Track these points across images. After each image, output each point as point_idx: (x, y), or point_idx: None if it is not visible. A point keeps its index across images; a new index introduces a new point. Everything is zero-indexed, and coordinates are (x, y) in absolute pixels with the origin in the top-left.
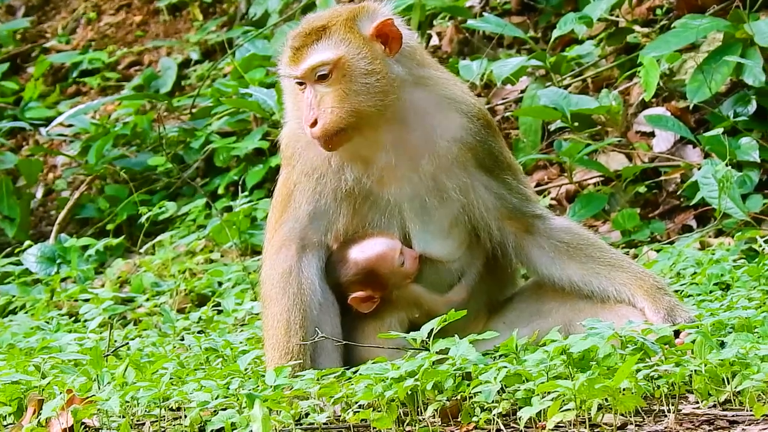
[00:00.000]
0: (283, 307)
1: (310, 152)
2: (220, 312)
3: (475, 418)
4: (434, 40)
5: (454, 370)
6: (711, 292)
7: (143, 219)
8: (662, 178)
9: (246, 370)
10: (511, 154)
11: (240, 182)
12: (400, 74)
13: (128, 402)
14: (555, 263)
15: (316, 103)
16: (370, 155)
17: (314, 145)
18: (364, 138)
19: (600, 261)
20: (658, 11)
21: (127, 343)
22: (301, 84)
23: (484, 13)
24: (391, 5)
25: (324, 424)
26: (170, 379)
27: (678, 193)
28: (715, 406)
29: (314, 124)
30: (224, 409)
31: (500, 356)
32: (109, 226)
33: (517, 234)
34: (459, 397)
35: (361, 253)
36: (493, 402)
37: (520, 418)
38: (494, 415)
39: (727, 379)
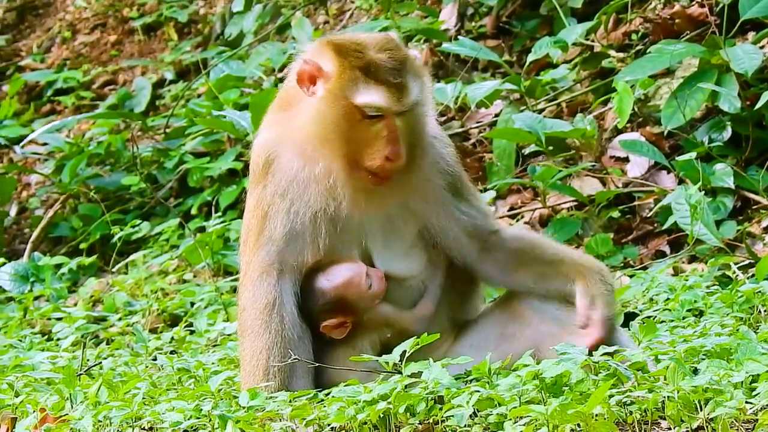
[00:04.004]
0: (265, 344)
1: (287, 165)
2: (192, 332)
3: None
4: None
5: (427, 393)
6: (684, 318)
7: (116, 238)
8: (636, 203)
9: (218, 390)
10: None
11: (213, 203)
12: None
13: (101, 421)
14: (506, 272)
15: (400, 137)
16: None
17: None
18: None
19: (543, 259)
20: (634, 36)
21: (100, 363)
22: (371, 117)
23: (459, 37)
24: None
25: None
26: (143, 399)
27: (651, 218)
28: None
29: (397, 158)
30: (196, 430)
31: (472, 380)
32: (83, 245)
33: (476, 250)
34: (431, 420)
35: (328, 281)
36: (465, 426)
37: None
38: None
39: (700, 405)
